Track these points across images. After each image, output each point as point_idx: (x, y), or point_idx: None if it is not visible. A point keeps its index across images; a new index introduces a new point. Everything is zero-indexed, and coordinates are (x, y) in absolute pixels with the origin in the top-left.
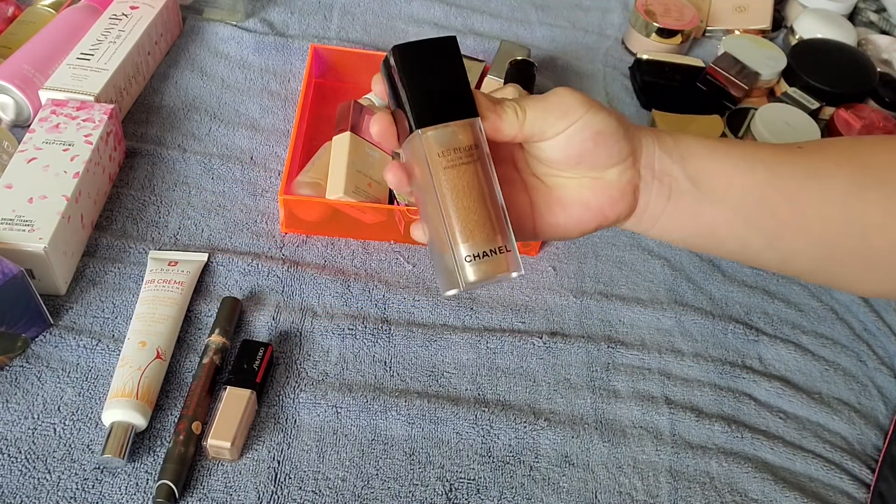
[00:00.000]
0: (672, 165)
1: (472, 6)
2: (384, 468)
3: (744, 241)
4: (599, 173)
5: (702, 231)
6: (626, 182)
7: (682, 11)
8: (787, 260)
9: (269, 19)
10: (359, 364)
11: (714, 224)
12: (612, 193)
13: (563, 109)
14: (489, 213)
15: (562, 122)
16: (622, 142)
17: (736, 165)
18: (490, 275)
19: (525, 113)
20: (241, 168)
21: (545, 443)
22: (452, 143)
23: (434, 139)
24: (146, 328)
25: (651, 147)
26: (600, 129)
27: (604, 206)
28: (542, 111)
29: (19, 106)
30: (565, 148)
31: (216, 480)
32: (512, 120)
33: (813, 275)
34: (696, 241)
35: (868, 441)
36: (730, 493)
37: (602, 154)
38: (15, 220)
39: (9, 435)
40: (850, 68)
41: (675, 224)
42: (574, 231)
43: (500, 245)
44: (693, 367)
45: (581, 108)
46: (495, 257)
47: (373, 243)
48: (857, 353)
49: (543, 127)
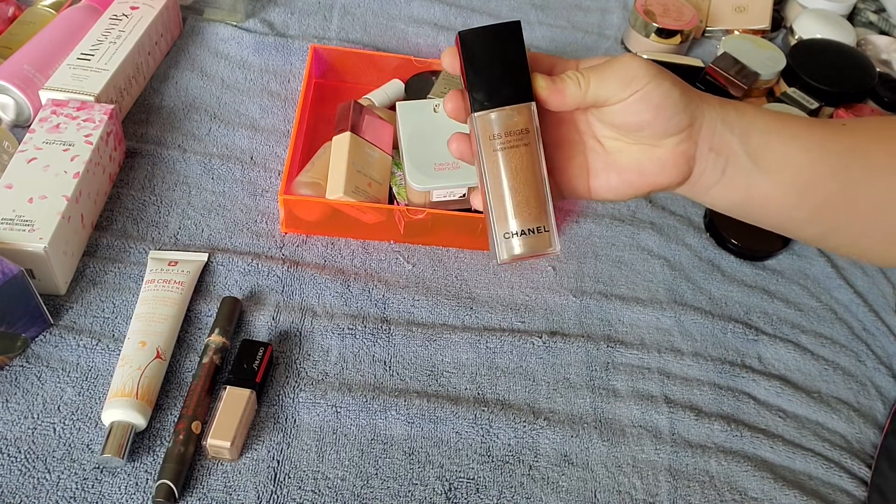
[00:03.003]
0: (732, 139)
1: (472, 6)
2: (384, 468)
3: (790, 214)
4: (657, 141)
5: (751, 202)
6: (682, 152)
7: (681, 11)
8: (827, 234)
9: (269, 19)
10: (358, 364)
11: (765, 197)
12: (667, 162)
13: (627, 77)
14: (536, 194)
15: (625, 90)
16: (682, 114)
17: (793, 142)
18: (530, 251)
19: (588, 82)
20: (241, 168)
21: (544, 442)
22: (508, 127)
23: (491, 121)
24: (146, 328)
25: (713, 120)
26: (661, 101)
27: (657, 174)
28: (604, 79)
29: (20, 106)
30: (626, 115)
31: (216, 480)
32: (574, 91)
33: (848, 248)
34: (742, 210)
35: (867, 440)
36: (729, 491)
37: (660, 125)
38: (15, 220)
39: (9, 435)
40: (849, 68)
41: (726, 194)
42: (626, 194)
43: (541, 224)
44: (692, 367)
45: (645, 77)
46: (537, 236)
47: (373, 243)
48: (857, 353)
49: (606, 95)
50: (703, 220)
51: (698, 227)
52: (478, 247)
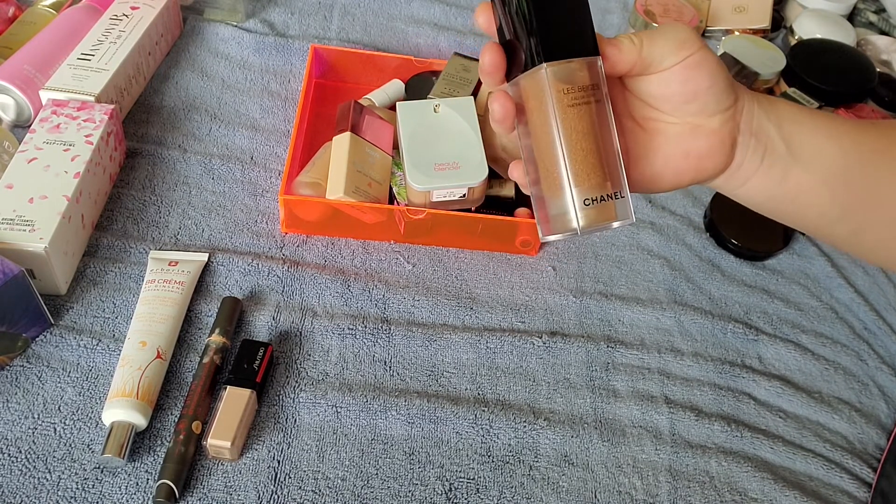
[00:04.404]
0: (769, 125)
1: (472, 6)
2: (384, 468)
3: (822, 210)
4: (703, 120)
5: (786, 196)
6: (727, 133)
7: (681, 12)
8: (857, 233)
9: (269, 20)
10: (359, 364)
11: (799, 189)
12: (713, 142)
13: (680, 40)
14: (606, 157)
15: (679, 53)
16: (729, 89)
17: (824, 133)
18: (601, 221)
19: (642, 41)
20: (242, 168)
21: (545, 442)
22: (577, 81)
23: (557, 75)
24: (146, 328)
25: (750, 104)
26: (714, 70)
27: (703, 156)
28: (658, 40)
29: (20, 106)
30: (680, 82)
31: (216, 480)
32: (629, 48)
33: (874, 252)
34: (776, 205)
35: (869, 440)
36: (729, 492)
37: (712, 96)
38: (16, 220)
39: (9, 435)
40: (849, 69)
41: (763, 185)
42: (668, 182)
43: (613, 191)
44: (692, 367)
45: (697, 42)
46: (608, 203)
47: (373, 243)
48: (858, 352)
49: (662, 55)
50: (703, 221)
51: (698, 227)
52: (478, 247)
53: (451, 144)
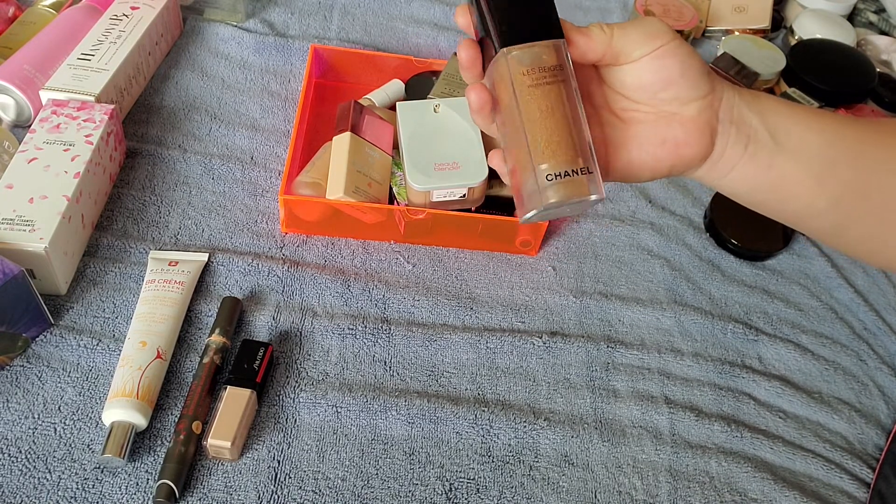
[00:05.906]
0: (751, 115)
1: None
2: (384, 468)
3: (807, 201)
4: (679, 108)
5: (771, 185)
6: (705, 121)
7: (681, 12)
8: (843, 226)
9: (269, 20)
10: (359, 364)
11: (784, 178)
12: (690, 130)
13: (650, 32)
14: (572, 133)
15: (650, 44)
16: (705, 78)
17: (810, 124)
18: (570, 196)
19: (612, 31)
20: (242, 168)
21: (545, 442)
22: (537, 63)
23: (519, 59)
24: (147, 328)
25: (731, 95)
26: (686, 59)
27: (680, 143)
28: (630, 31)
29: (20, 106)
30: (653, 71)
31: (216, 480)
32: (599, 36)
33: (862, 246)
34: (761, 196)
35: (869, 440)
36: (729, 492)
37: (685, 84)
38: (16, 220)
39: (9, 435)
40: (849, 69)
41: (747, 174)
42: (647, 171)
43: (581, 166)
44: (692, 367)
45: (668, 34)
46: (576, 178)
47: (373, 243)
48: (858, 353)
49: (632, 45)
50: (703, 221)
51: (698, 227)
52: (478, 247)
53: (450, 144)
